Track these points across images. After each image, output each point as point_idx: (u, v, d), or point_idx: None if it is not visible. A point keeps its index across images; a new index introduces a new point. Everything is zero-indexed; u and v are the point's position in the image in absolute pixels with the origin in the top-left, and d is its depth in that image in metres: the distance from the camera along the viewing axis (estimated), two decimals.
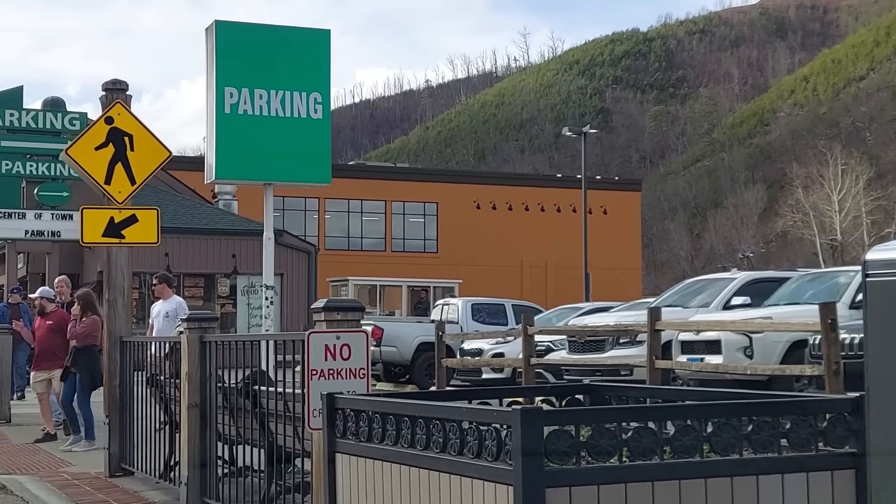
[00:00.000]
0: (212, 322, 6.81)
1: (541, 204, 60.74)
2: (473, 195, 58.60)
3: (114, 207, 8.71)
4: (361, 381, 4.86)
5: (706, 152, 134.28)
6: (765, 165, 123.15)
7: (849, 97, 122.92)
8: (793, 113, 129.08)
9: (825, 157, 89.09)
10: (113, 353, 8.62)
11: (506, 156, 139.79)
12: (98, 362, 11.20)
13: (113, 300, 8.70)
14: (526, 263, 59.45)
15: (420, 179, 60.96)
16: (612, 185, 66.04)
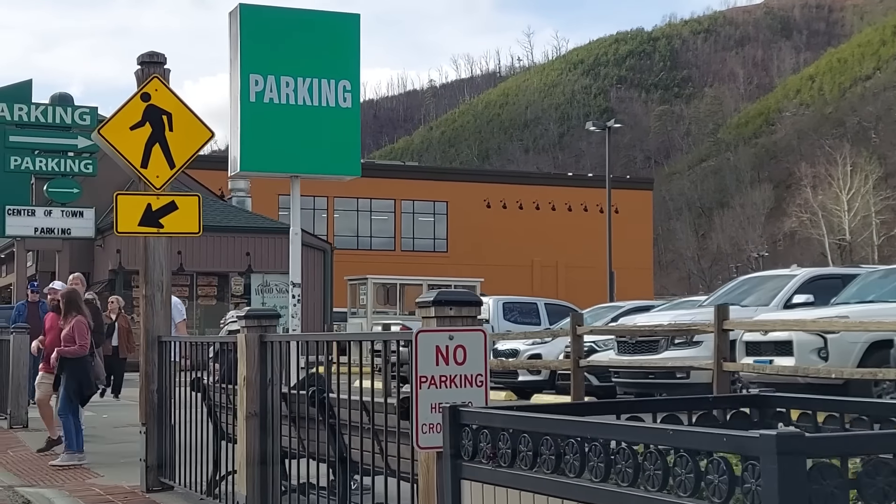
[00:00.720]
0: (272, 319, 6.00)
1: (551, 203, 60.08)
2: (483, 194, 57.95)
3: (151, 193, 7.90)
4: (479, 389, 4.06)
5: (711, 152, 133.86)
6: (770, 165, 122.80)
7: (855, 97, 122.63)
8: (798, 113, 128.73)
9: (833, 156, 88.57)
10: (150, 355, 7.81)
11: (510, 156, 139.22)
12: (87, 369, 10.34)
13: (150, 296, 7.88)
14: (536, 263, 58.75)
15: (429, 178, 60.21)
16: (624, 184, 65.33)
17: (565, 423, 3.17)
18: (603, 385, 14.56)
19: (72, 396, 10.33)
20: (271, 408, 5.91)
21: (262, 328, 5.93)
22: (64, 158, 28.51)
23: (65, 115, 28.54)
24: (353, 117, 16.96)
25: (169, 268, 8.02)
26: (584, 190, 61.53)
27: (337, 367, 5.60)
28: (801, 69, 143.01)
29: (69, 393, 10.30)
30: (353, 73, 16.95)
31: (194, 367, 7.35)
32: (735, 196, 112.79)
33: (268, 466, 5.97)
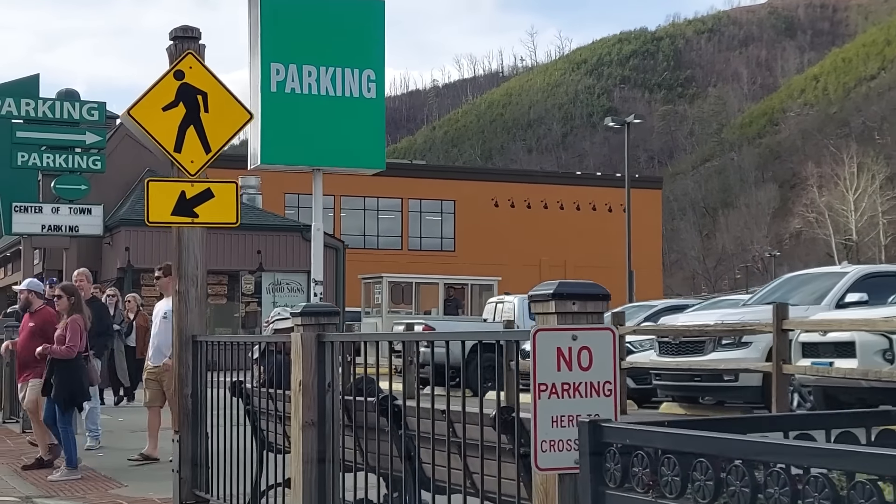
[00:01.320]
0: (331, 317, 5.36)
1: (559, 202, 59.57)
2: (491, 193, 57.47)
3: (185, 180, 7.26)
4: (607, 399, 3.42)
5: (715, 152, 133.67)
6: (775, 165, 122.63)
7: (860, 96, 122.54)
8: (803, 112, 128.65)
9: (840, 156, 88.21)
10: (183, 356, 7.17)
11: (513, 155, 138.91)
12: (80, 375, 9.60)
13: (184, 291, 7.24)
14: (544, 262, 58.20)
15: (437, 177, 59.63)
16: (633, 184, 64.77)
17: (762, 446, 2.54)
18: (640, 388, 13.93)
19: (63, 406, 9.58)
20: (331, 416, 5.28)
21: (319, 327, 5.30)
22: (72, 154, 27.86)
23: (73, 110, 27.89)
24: (378, 108, 16.27)
25: (204, 261, 7.38)
26: (592, 189, 61.10)
27: (388, 370, 5.00)
28: (806, 69, 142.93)
29: (60, 401, 9.55)
30: (378, 62, 16.26)
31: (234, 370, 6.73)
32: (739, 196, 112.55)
33: (326, 481, 5.34)
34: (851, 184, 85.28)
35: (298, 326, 5.33)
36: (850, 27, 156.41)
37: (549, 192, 59.27)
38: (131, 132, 7.49)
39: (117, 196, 33.38)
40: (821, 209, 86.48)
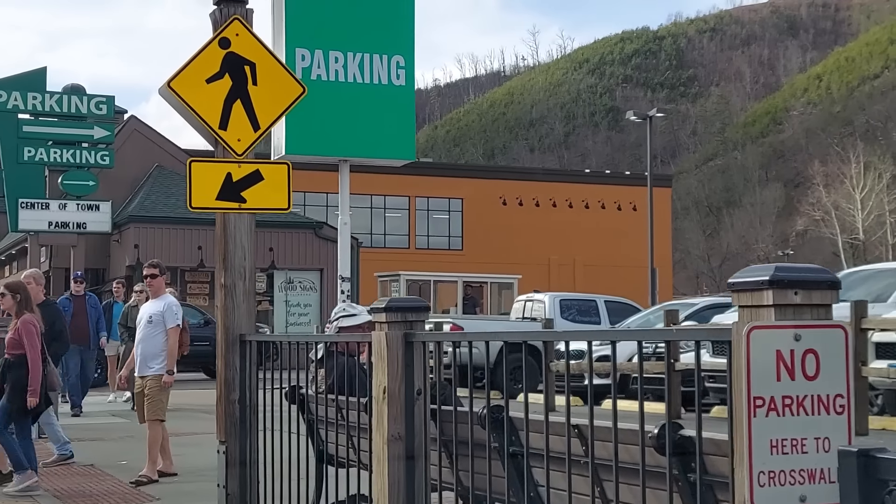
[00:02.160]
0: (420, 312, 4.59)
1: (568, 200, 58.92)
2: (499, 191, 56.84)
3: (231, 161, 6.48)
4: (839, 418, 2.66)
5: (718, 151, 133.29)
6: (778, 164, 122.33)
7: (863, 95, 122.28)
8: (806, 112, 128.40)
9: (846, 154, 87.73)
10: (230, 357, 6.39)
11: (515, 155, 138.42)
12: (24, 379, 8.77)
13: (230, 285, 6.46)
14: (553, 261, 57.52)
15: (444, 175, 58.91)
16: (643, 181, 64.15)
17: None
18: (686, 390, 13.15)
19: (14, 414, 8.80)
20: (421, 429, 4.51)
21: (406, 324, 4.53)
22: (79, 150, 27.16)
23: (80, 104, 27.18)
24: (407, 96, 15.50)
25: (252, 251, 6.60)
26: (601, 187, 60.51)
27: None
28: (808, 68, 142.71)
29: (11, 407, 8.76)
30: (407, 47, 15.47)
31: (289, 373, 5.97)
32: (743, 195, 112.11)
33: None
34: (858, 182, 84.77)
35: (382, 324, 4.56)
36: (852, 26, 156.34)
37: (557, 189, 58.67)
38: (171, 105, 6.42)
39: (126, 192, 32.64)
40: (827, 208, 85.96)
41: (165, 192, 31.80)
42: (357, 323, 6.21)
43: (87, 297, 14.90)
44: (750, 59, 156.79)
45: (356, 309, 6.27)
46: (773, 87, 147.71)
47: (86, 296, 14.93)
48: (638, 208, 59.82)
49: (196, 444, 11.25)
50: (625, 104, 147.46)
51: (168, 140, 34.93)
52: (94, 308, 14.81)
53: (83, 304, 14.77)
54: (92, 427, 13.16)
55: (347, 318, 6.25)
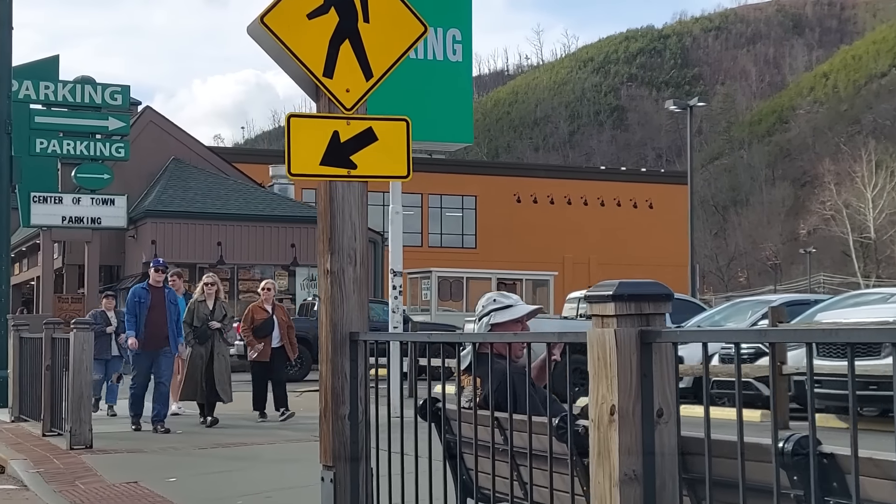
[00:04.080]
0: (661, 303, 3.44)
1: (583, 197, 57.98)
2: (513, 188, 55.92)
3: (338, 117, 5.33)
4: None
5: (724, 150, 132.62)
6: (785, 163, 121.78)
7: (870, 94, 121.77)
8: (812, 110, 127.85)
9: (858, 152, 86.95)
10: (338, 361, 5.23)
11: (519, 154, 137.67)
12: None
13: (338, 271, 5.28)
14: (568, 260, 56.51)
15: (457, 171, 57.83)
16: (658, 178, 63.32)
17: None
18: None
19: None
20: (665, 465, 3.36)
21: (642, 319, 3.37)
22: (93, 141, 26.11)
23: (94, 93, 26.12)
24: (465, 73, 14.21)
25: (364, 229, 5.44)
26: (616, 184, 59.63)
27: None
28: (814, 67, 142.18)
29: None
30: (464, 20, 14.13)
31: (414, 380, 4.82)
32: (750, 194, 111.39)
33: None
34: (869, 181, 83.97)
35: (607, 318, 3.39)
36: (857, 25, 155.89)
37: (572, 187, 57.75)
38: (262, 46, 5.27)
39: (141, 186, 31.49)
40: (838, 207, 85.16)
41: (183, 185, 30.67)
42: (515, 317, 5.01)
43: (167, 291, 12.73)
44: (755, 58, 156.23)
45: (510, 298, 5.06)
46: (779, 86, 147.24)
47: (164, 287, 12.75)
48: (654, 205, 58.92)
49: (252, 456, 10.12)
50: (629, 103, 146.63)
51: (185, 132, 33.80)
52: (174, 304, 12.71)
53: (161, 298, 12.55)
54: (126, 436, 11.99)
55: (501, 311, 5.04)
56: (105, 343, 14.33)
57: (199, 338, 12.92)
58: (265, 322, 13.56)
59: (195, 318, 12.95)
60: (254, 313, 13.67)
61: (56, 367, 11.72)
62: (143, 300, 12.43)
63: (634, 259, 56.25)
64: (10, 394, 13.99)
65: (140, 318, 12.29)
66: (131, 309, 12.41)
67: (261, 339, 13.52)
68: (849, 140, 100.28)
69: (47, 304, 26.82)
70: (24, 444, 11.26)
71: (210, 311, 13.01)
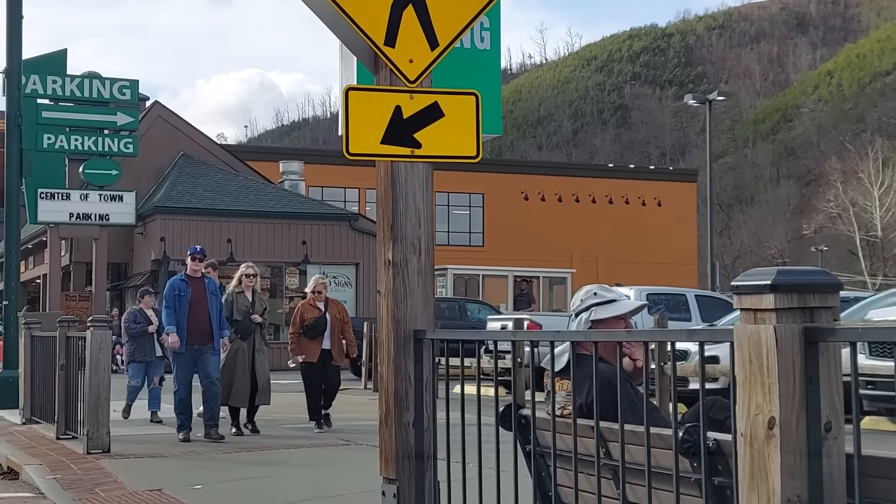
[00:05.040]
0: (828, 294, 2.91)
1: (591, 195, 57.50)
2: (520, 186, 55.42)
3: (401, 90, 4.84)
4: None
5: (728, 149, 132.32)
6: (789, 161, 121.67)
7: (875, 92, 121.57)
8: (817, 109, 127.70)
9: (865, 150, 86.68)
10: (401, 362, 4.73)
11: (523, 152, 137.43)
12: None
13: (400, 262, 4.79)
14: (576, 258, 56.02)
15: (465, 169, 57.36)
16: (667, 176, 62.89)
17: None
18: None
19: None
20: (835, 488, 2.84)
21: (806, 313, 2.87)
22: (101, 137, 25.59)
23: (102, 88, 25.60)
24: (493, 62, 13.65)
25: (430, 216, 4.94)
26: (625, 182, 59.18)
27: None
28: (818, 65, 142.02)
29: None
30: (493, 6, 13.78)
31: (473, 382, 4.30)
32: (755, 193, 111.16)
33: None
34: (876, 179, 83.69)
35: (762, 313, 2.87)
36: (862, 23, 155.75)
37: (579, 184, 57.29)
38: (316, 11, 4.82)
39: (149, 182, 30.99)
40: (844, 205, 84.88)
41: (192, 181, 30.17)
42: (619, 313, 4.43)
43: (207, 282, 11.38)
44: (759, 57, 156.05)
45: (613, 292, 4.47)
46: (783, 85, 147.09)
47: (204, 278, 11.40)
48: (663, 203, 58.46)
49: (279, 462, 9.61)
50: (633, 102, 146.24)
51: (194, 127, 33.29)
52: (215, 295, 11.34)
53: (202, 289, 11.20)
54: (144, 439, 11.49)
55: (604, 306, 4.45)
56: (147, 344, 13.51)
57: (241, 333, 11.75)
58: (317, 321, 12.19)
59: (234, 311, 11.79)
60: (303, 312, 12.29)
61: (71, 367, 11.22)
62: (183, 293, 11.15)
63: (643, 257, 55.90)
64: (21, 395, 13.48)
65: (181, 313, 11.08)
66: (170, 303, 11.15)
67: (312, 340, 12.12)
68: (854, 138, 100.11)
69: (54, 302, 26.33)
70: (38, 448, 10.77)
71: (250, 304, 11.92)
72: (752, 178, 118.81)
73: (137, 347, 13.49)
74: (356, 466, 9.21)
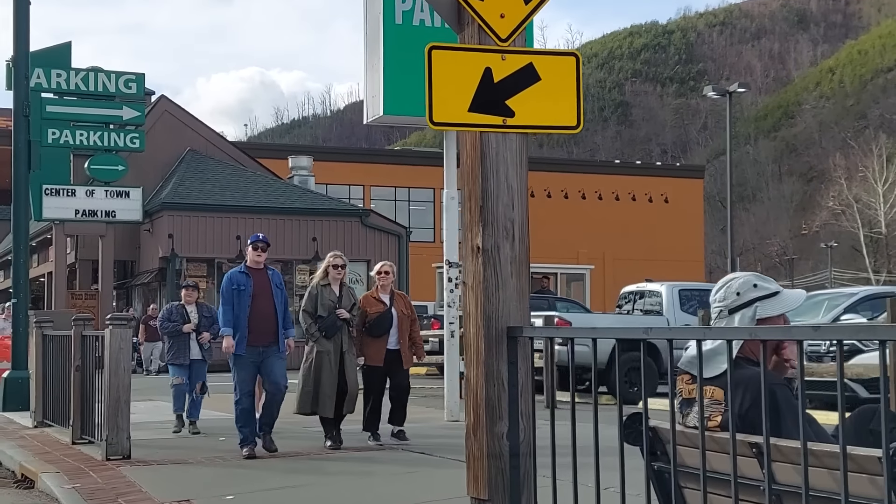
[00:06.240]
0: None
1: (598, 192, 57.02)
2: None
3: (491, 49, 4.24)
4: None
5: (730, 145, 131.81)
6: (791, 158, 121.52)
7: (877, 88, 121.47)
8: (818, 105, 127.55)
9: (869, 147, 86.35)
10: (493, 364, 4.12)
11: None
12: None
13: (491, 249, 4.18)
14: (582, 255, 55.49)
15: None
16: (674, 172, 62.40)
17: None
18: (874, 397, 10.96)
19: None
20: None
21: None
22: (107, 131, 25.03)
23: (108, 82, 25.02)
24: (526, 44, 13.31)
25: (525, 195, 4.34)
26: (630, 178, 58.70)
27: None
28: (819, 62, 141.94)
29: None
30: None
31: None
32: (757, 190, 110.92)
33: None
34: (880, 176, 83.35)
35: None
36: (863, 19, 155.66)
37: (586, 181, 56.79)
38: None
39: (156, 178, 30.37)
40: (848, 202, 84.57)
41: (200, 177, 29.55)
42: (788, 308, 3.62)
43: (271, 273, 9.96)
44: (760, 53, 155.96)
45: (772, 283, 3.65)
46: (784, 81, 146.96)
47: (267, 269, 9.95)
48: (669, 200, 57.97)
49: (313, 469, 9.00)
50: (634, 99, 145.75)
51: (201, 122, 32.65)
52: (280, 289, 9.91)
53: (266, 282, 9.76)
54: (164, 444, 10.89)
55: (769, 300, 3.66)
56: (183, 344, 11.83)
57: (326, 331, 10.05)
58: (382, 316, 10.45)
59: (318, 306, 10.16)
60: (366, 306, 10.52)
61: (87, 368, 10.61)
62: (244, 287, 9.65)
63: (650, 253, 55.48)
64: (32, 396, 12.87)
65: (241, 310, 9.58)
66: (228, 299, 9.65)
67: (376, 339, 10.45)
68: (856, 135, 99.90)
69: (59, 301, 25.75)
70: (53, 454, 10.15)
71: (337, 298, 10.22)
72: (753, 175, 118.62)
73: (172, 349, 11.92)
74: (401, 475, 8.63)
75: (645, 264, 53.68)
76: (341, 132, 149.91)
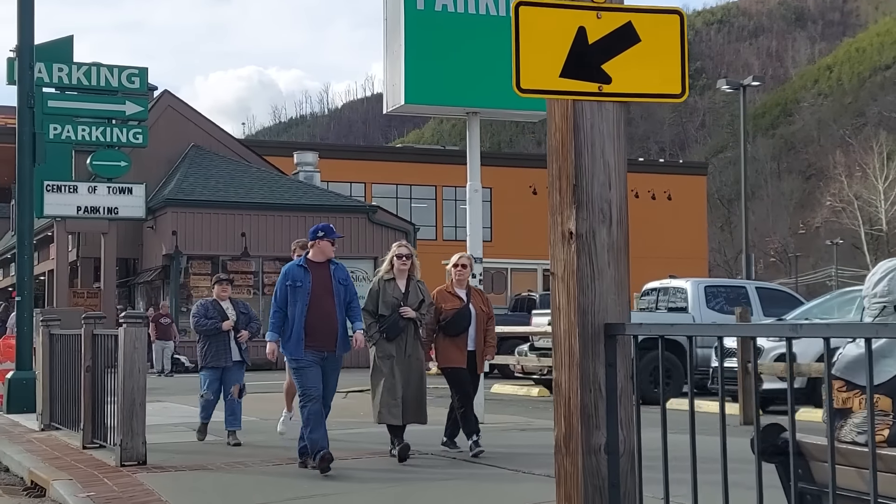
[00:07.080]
0: None
1: None
2: (528, 179, 54.51)
3: (585, 6, 3.73)
4: None
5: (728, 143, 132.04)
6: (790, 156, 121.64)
7: (875, 86, 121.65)
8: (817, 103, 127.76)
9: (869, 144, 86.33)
10: (588, 366, 3.63)
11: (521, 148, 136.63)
12: None
13: (586, 234, 3.69)
14: None
15: None
16: (677, 169, 62.08)
17: None
18: None
19: None
20: None
21: None
22: (109, 127, 24.53)
23: (110, 76, 24.52)
24: None
25: (623, 175, 3.85)
26: (634, 175, 58.01)
27: None
28: (817, 60, 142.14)
29: None
30: None
31: None
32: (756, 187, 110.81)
33: None
34: (881, 173, 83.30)
35: None
36: (860, 17, 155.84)
37: None
38: None
39: (159, 174, 29.85)
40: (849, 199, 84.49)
41: (204, 173, 29.07)
42: None
43: (334, 268, 8.80)
44: (758, 51, 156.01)
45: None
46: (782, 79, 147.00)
47: (331, 264, 8.80)
48: (673, 197, 57.61)
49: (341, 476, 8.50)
50: None
51: (204, 117, 32.17)
52: (344, 285, 8.74)
53: (328, 279, 8.67)
54: (181, 448, 10.38)
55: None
56: (221, 345, 10.66)
57: (387, 332, 9.11)
58: (459, 314, 9.47)
59: (380, 303, 9.20)
60: (441, 302, 9.53)
61: (98, 369, 10.10)
62: (302, 283, 8.55)
63: (653, 251, 55.12)
64: (38, 398, 12.35)
65: (298, 308, 8.47)
66: (282, 298, 8.60)
67: (453, 339, 9.47)
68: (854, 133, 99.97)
69: (61, 299, 25.24)
70: (63, 460, 9.64)
71: (402, 295, 9.25)
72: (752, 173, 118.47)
73: (209, 349, 10.70)
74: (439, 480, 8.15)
75: (648, 261, 53.23)
76: (339, 131, 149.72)
